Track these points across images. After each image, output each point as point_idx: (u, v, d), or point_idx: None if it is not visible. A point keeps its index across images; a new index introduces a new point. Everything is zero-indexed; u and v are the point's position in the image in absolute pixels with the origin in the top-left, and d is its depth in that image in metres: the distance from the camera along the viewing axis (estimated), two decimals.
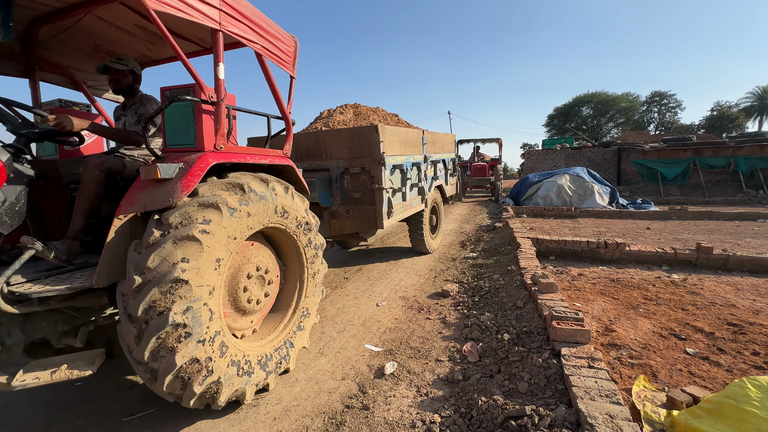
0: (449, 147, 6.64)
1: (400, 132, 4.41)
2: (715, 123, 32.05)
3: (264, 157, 2.41)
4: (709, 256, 4.39)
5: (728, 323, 2.89)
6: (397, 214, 4.28)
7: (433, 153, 5.51)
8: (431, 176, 5.49)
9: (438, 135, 5.85)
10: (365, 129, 3.91)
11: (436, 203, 5.82)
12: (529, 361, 2.33)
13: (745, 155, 12.57)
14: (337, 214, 4.17)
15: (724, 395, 1.62)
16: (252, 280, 2.20)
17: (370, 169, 3.91)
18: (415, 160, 4.78)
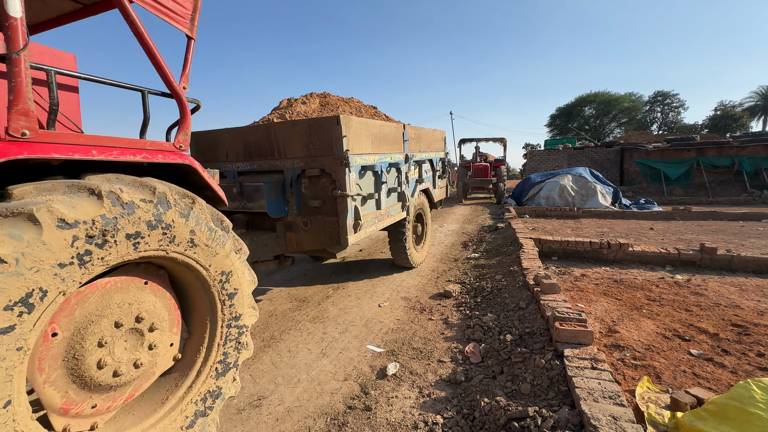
0: (437, 145, 5.72)
1: (372, 125, 3.59)
2: (718, 123, 31.89)
3: (133, 152, 1.58)
4: (713, 257, 4.37)
5: (732, 324, 2.87)
6: (367, 226, 3.50)
7: (417, 151, 4.70)
8: (415, 179, 4.70)
9: (423, 131, 5.04)
10: (324, 120, 3.09)
11: (422, 210, 5.09)
12: (531, 363, 2.32)
13: (749, 155, 12.49)
14: (294, 226, 3.36)
15: (728, 397, 1.61)
16: (117, 336, 1.45)
17: (332, 171, 3.12)
18: (393, 160, 3.98)
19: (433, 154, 5.42)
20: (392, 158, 3.99)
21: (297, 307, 3.72)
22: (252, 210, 3.23)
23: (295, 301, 3.86)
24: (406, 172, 4.34)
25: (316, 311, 3.58)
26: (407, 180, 4.41)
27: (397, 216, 4.21)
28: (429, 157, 5.17)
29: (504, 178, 13.61)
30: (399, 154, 4.18)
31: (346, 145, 3.08)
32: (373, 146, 3.61)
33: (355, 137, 3.23)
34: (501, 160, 14.42)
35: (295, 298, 3.98)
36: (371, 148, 3.56)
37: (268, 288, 4.32)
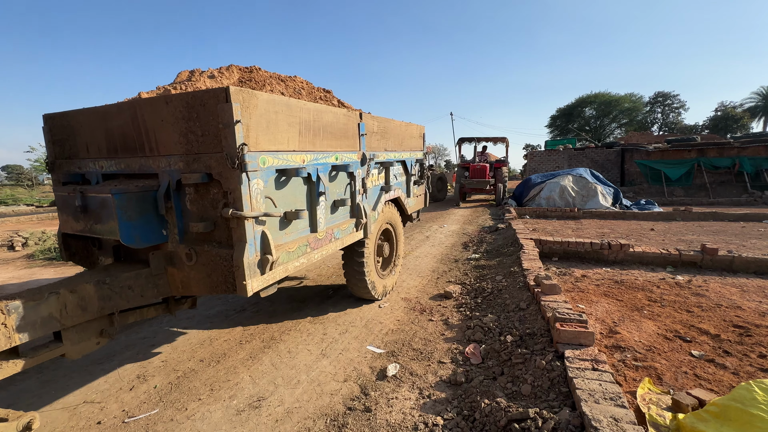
0: (413, 143, 4.49)
1: (300, 109, 2.37)
2: (719, 123, 31.88)
3: None
4: (714, 258, 4.35)
5: (734, 325, 2.86)
6: (290, 259, 2.34)
7: (382, 150, 3.54)
8: (379, 186, 3.56)
9: (392, 124, 3.85)
10: (206, 95, 1.92)
11: (391, 225, 3.95)
12: (532, 364, 2.31)
13: (750, 156, 12.48)
14: (176, 259, 2.20)
15: (730, 398, 1.60)
16: None
17: (221, 178, 1.98)
18: (340, 161, 2.83)
19: (407, 154, 4.22)
20: (339, 159, 2.79)
21: (297, 308, 3.71)
22: (101, 235, 2.14)
23: (295, 302, 3.86)
24: (363, 178, 3.16)
25: (316, 312, 3.58)
26: (365, 188, 3.21)
27: (349, 238, 3.07)
28: (401, 157, 3.98)
29: (505, 179, 12.97)
30: (351, 152, 2.98)
31: (244, 136, 1.92)
32: (304, 140, 2.42)
33: (264, 125, 2.08)
34: (502, 161, 13.74)
35: (295, 299, 3.97)
36: (300, 144, 2.38)
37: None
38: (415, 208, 4.65)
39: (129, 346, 2.98)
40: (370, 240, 3.44)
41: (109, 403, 2.27)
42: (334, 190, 2.88)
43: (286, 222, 2.35)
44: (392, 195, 3.84)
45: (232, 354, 2.81)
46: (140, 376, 2.54)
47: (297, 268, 2.43)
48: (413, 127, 4.55)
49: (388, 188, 3.70)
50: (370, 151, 3.29)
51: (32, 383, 2.51)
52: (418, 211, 4.89)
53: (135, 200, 2.08)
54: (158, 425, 2.05)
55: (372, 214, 3.39)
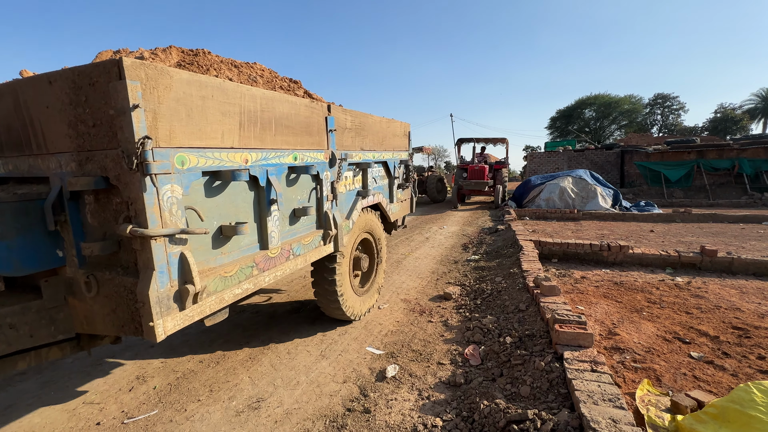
0: (396, 142, 4.01)
1: (239, 96, 1.87)
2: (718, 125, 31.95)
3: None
4: (713, 259, 4.36)
5: (733, 327, 2.86)
6: (225, 287, 1.83)
7: (357, 149, 3.08)
8: (354, 191, 3.13)
9: (371, 120, 3.35)
10: (94, 70, 1.42)
11: (370, 234, 3.46)
12: (531, 365, 2.31)
13: (750, 157, 12.50)
14: (77, 288, 1.70)
15: (729, 400, 1.61)
16: None
17: (118, 182, 1.51)
18: (300, 162, 2.34)
19: (389, 154, 3.73)
20: (299, 158, 2.31)
21: (296, 308, 3.71)
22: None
23: (295, 304, 3.86)
24: (333, 182, 2.71)
25: (315, 314, 3.58)
26: (335, 194, 2.75)
27: (314, 253, 2.56)
28: (381, 158, 3.53)
29: (505, 181, 12.61)
30: (316, 151, 2.49)
31: (148, 126, 1.43)
32: (248, 135, 1.91)
33: (184, 113, 1.57)
34: (502, 162, 13.38)
35: (295, 300, 3.97)
36: (242, 139, 1.88)
37: (268, 290, 4.32)
38: (399, 214, 4.20)
39: (128, 347, 2.98)
40: (344, 254, 2.95)
41: (108, 403, 2.27)
42: (293, 197, 2.35)
43: (223, 239, 1.81)
44: (371, 200, 3.36)
45: (232, 355, 2.81)
46: (140, 377, 2.55)
47: (239, 296, 1.88)
48: (396, 124, 4.03)
49: (366, 193, 3.20)
50: (342, 150, 2.82)
51: (31, 384, 2.51)
52: (403, 217, 4.54)
53: (10, 213, 1.53)
54: (157, 426, 2.06)
55: (345, 223, 2.89)
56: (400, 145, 4.17)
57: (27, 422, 2.13)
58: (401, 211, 4.29)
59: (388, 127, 3.80)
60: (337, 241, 2.77)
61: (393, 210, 3.97)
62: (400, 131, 4.17)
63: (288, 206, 2.31)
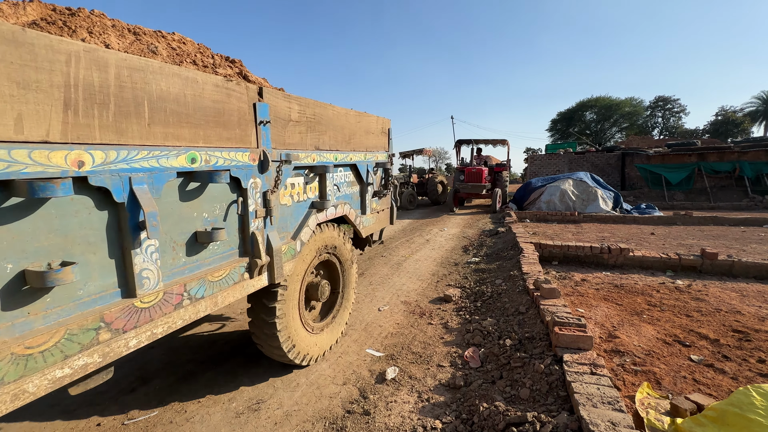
0: (372, 141, 3.34)
1: (64, 56, 1.15)
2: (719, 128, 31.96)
3: None
4: (714, 262, 4.36)
5: (733, 330, 2.86)
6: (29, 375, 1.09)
7: (310, 149, 2.42)
8: (307, 202, 2.46)
9: (330, 112, 2.64)
10: None
11: (335, 255, 2.83)
12: (531, 367, 2.31)
13: (751, 160, 12.49)
14: None
15: (728, 403, 1.61)
16: None
17: None
18: (203, 165, 1.67)
19: (360, 155, 3.06)
20: (198, 159, 1.65)
21: None
22: None
23: None
24: (266, 192, 2.02)
25: None
26: (270, 207, 2.03)
27: (233, 292, 1.86)
28: (348, 160, 2.86)
29: (506, 184, 12.02)
30: (234, 150, 1.83)
31: None
32: (85, 123, 1.24)
33: None
34: (503, 164, 12.85)
35: None
36: (74, 129, 1.21)
37: None
38: (374, 227, 3.47)
39: None
40: (288, 285, 2.25)
41: (108, 404, 2.27)
42: (192, 215, 1.66)
43: (27, 293, 1.13)
44: (333, 213, 2.69)
45: (232, 357, 2.82)
46: (140, 378, 2.55)
47: (68, 378, 1.20)
48: (370, 119, 3.30)
49: (324, 204, 2.51)
50: (284, 149, 2.14)
51: None
52: (381, 230, 3.86)
53: None
54: (158, 427, 2.06)
55: (289, 246, 2.19)
56: (376, 144, 3.44)
57: (27, 423, 2.13)
58: (377, 223, 3.52)
59: (359, 122, 3.08)
60: (273, 270, 2.05)
61: (365, 223, 3.24)
62: (376, 128, 3.42)
63: (180, 229, 1.60)
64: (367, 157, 3.20)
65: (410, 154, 15.87)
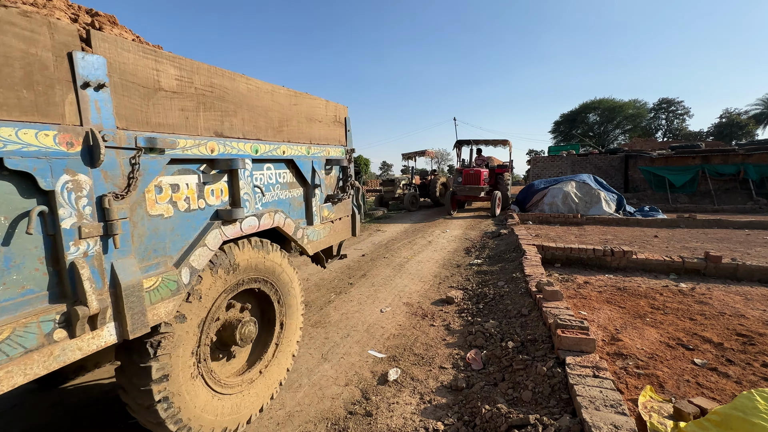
0: (320, 132, 2.72)
1: None
2: (724, 130, 31.82)
3: None
4: (718, 265, 4.33)
5: (737, 334, 2.84)
6: None
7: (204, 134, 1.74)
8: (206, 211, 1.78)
9: (242, 86, 1.96)
10: None
11: (267, 280, 2.18)
12: (533, 370, 2.31)
13: (755, 163, 12.42)
14: None
15: (732, 407, 1.60)
16: None
17: None
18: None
19: (301, 149, 2.44)
20: None
21: None
22: None
23: None
24: (104, 197, 1.31)
25: (318, 316, 3.59)
26: (109, 221, 1.32)
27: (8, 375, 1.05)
28: (280, 154, 2.24)
29: (507, 185, 11.54)
30: (19, 126, 1.08)
31: None
32: None
33: None
34: (505, 166, 12.35)
35: None
36: None
37: None
38: (329, 240, 2.81)
39: None
40: (174, 333, 1.62)
41: (114, 403, 2.29)
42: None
43: None
44: (255, 225, 2.00)
45: None
46: None
47: None
48: (315, 103, 2.60)
49: (235, 214, 1.83)
50: (146, 131, 1.47)
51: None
52: (340, 244, 3.26)
53: None
54: None
55: (164, 277, 1.51)
56: (327, 136, 2.78)
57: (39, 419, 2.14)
58: (333, 235, 2.86)
59: (295, 105, 2.36)
60: (125, 318, 1.35)
61: (313, 236, 2.56)
62: (325, 115, 2.74)
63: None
64: (312, 151, 2.54)
65: (413, 156, 15.87)
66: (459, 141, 13.10)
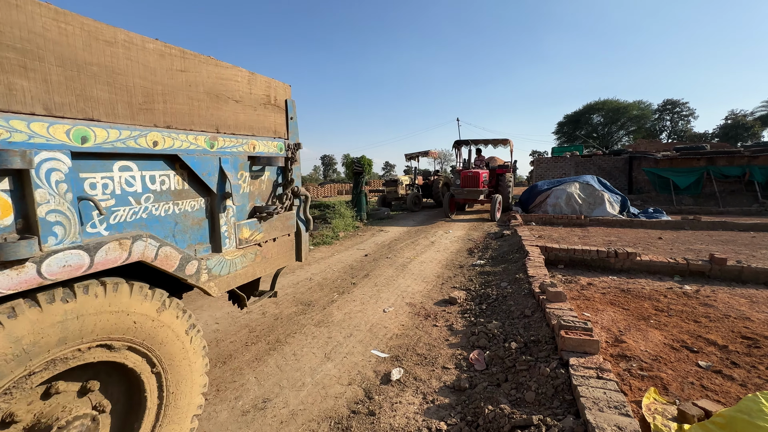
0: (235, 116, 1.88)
1: None
2: (729, 132, 31.62)
3: None
4: (722, 268, 4.31)
5: (742, 336, 2.83)
6: None
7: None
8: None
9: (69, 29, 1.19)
10: None
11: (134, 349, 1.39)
12: (536, 371, 2.31)
13: (761, 165, 12.34)
14: None
15: (737, 410, 1.59)
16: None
17: None
18: None
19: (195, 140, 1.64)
20: None
21: (302, 311, 3.74)
22: None
23: (301, 305, 3.89)
24: None
25: (321, 315, 3.60)
26: None
27: None
28: (158, 147, 1.48)
29: (509, 187, 11.25)
30: None
31: None
32: None
33: None
34: (506, 166, 11.90)
35: (301, 302, 4.00)
36: None
37: None
38: (252, 272, 2.04)
39: None
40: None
41: None
42: None
43: None
44: (83, 264, 1.22)
45: (238, 355, 2.84)
46: None
47: None
48: (231, 75, 1.85)
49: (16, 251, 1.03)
50: None
51: None
52: (276, 274, 2.51)
53: None
54: None
55: None
56: (252, 124, 1.99)
57: None
58: (262, 263, 2.11)
59: (182, 72, 1.61)
60: None
61: (222, 269, 1.81)
62: (246, 94, 1.94)
63: None
64: (219, 144, 1.75)
65: (416, 156, 15.88)
66: (457, 141, 12.70)
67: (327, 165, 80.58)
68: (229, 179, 1.81)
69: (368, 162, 11.05)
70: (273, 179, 2.19)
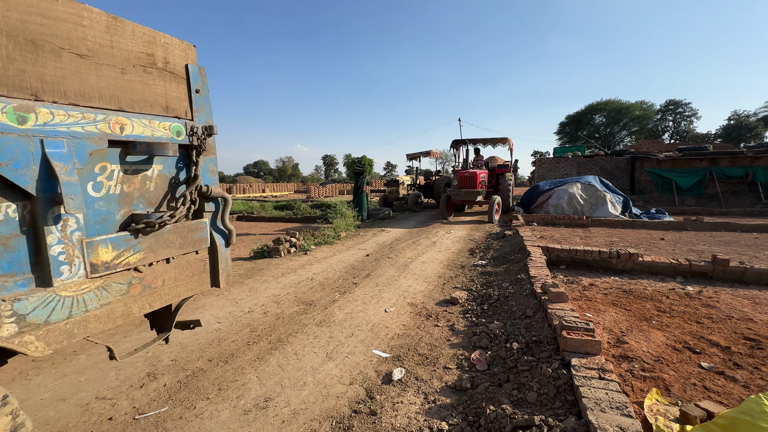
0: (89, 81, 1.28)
1: None
2: (732, 132, 31.52)
3: None
4: (725, 269, 4.29)
5: (745, 338, 2.82)
6: None
7: None
8: None
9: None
10: None
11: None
12: (538, 371, 2.31)
13: (764, 165, 12.29)
14: None
15: (739, 411, 1.59)
16: None
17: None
18: None
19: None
20: None
21: (304, 310, 3.74)
22: None
23: (302, 305, 3.89)
24: None
25: (322, 315, 3.61)
26: None
27: None
28: None
29: (509, 187, 10.96)
30: None
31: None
32: None
33: None
34: (506, 166, 11.66)
35: (302, 301, 4.00)
36: None
37: (276, 292, 4.36)
38: (133, 309, 1.45)
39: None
40: None
41: (120, 399, 2.32)
42: None
43: None
44: None
45: (240, 355, 2.85)
46: (150, 374, 2.59)
47: None
48: (78, 14, 1.25)
49: None
50: None
51: (46, 378, 2.57)
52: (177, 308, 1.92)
53: None
54: (167, 422, 2.09)
55: None
56: (120, 93, 1.40)
57: (42, 415, 2.18)
58: (147, 295, 1.52)
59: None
60: None
61: (53, 313, 1.19)
62: (110, 48, 1.36)
63: None
64: (44, 118, 1.17)
65: (417, 156, 15.87)
66: (456, 141, 12.33)
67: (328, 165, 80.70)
68: (60, 174, 1.16)
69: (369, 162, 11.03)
70: (169, 176, 1.60)
